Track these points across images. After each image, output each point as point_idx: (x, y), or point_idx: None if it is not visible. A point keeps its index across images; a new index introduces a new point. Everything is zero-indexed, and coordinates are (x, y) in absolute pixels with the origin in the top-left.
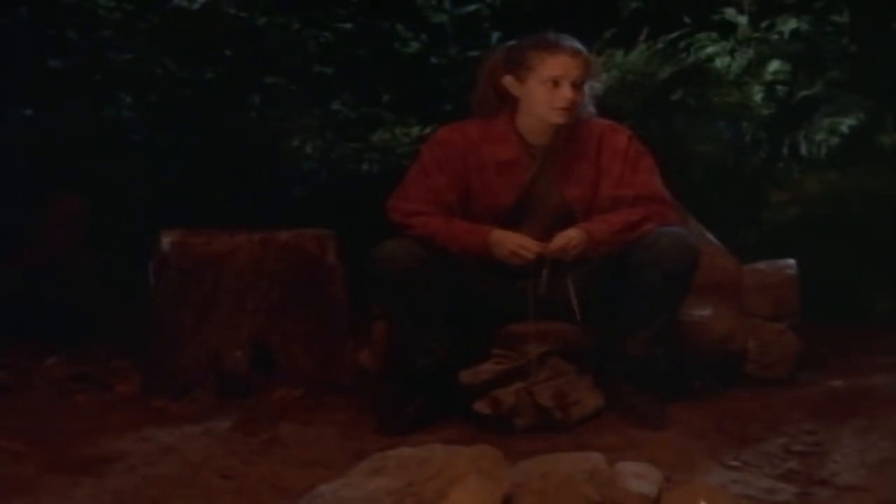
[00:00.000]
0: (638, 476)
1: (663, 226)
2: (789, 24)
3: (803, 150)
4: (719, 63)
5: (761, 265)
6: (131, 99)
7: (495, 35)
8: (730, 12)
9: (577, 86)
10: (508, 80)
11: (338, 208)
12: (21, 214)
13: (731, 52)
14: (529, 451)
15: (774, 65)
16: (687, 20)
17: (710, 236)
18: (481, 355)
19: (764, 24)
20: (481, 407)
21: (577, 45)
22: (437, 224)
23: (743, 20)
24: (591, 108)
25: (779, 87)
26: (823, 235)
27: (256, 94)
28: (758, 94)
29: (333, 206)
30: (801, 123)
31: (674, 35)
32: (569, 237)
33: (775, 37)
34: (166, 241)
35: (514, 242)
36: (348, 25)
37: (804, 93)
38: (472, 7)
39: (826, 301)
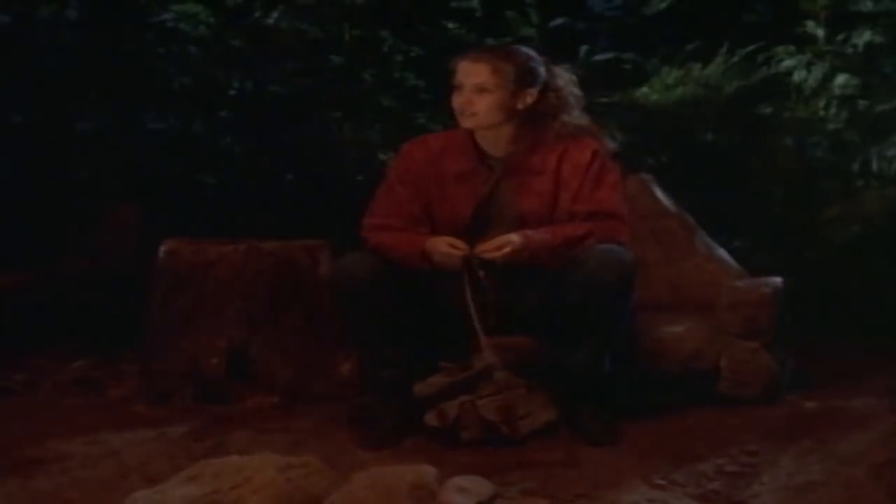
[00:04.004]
0: (461, 490)
1: (609, 242)
2: (864, 37)
3: (874, 166)
4: (797, 77)
5: (741, 282)
6: (214, 112)
7: (583, 48)
8: (810, 25)
9: (476, 90)
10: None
11: None
12: (82, 222)
13: (808, 66)
14: (469, 465)
15: (841, 78)
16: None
17: (720, 253)
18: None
19: (840, 37)
20: (430, 419)
21: (491, 52)
22: (386, 236)
23: (820, 33)
24: (569, 118)
25: (860, 102)
26: (883, 252)
27: (341, 106)
28: (829, 108)
29: None
30: (875, 138)
31: (750, 48)
32: (505, 239)
33: (850, 50)
34: (162, 249)
35: (444, 242)
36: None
37: (882, 107)
38: (560, 20)
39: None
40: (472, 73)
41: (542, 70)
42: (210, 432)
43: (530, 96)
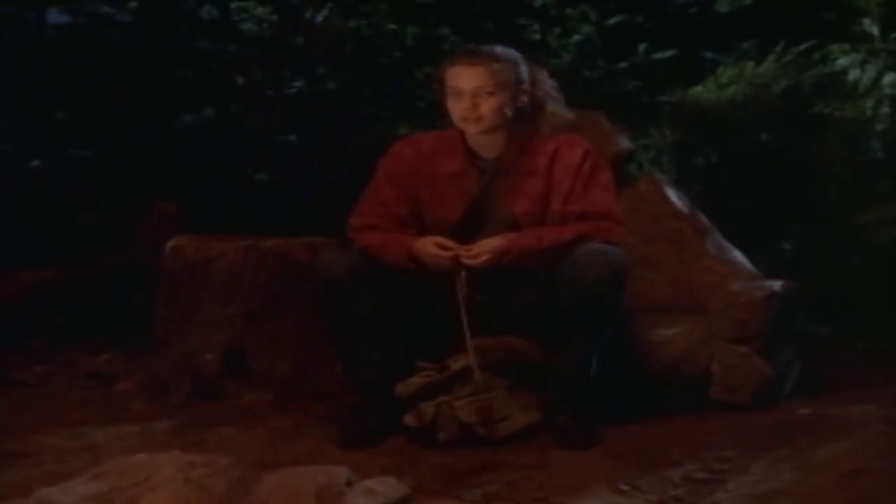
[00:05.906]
0: (368, 492)
1: (602, 242)
2: None
3: None
4: (851, 75)
5: (735, 285)
6: (269, 110)
7: (643, 45)
8: (866, 22)
9: (479, 95)
10: (442, 94)
11: None
12: (122, 219)
13: (862, 64)
14: (443, 465)
15: (890, 77)
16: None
17: (734, 255)
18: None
19: (894, 35)
20: (409, 420)
21: (484, 55)
22: (373, 237)
23: (875, 30)
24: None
25: None
26: None
27: (395, 104)
28: (879, 108)
29: None
30: None
31: (802, 46)
32: (481, 248)
33: None
34: (168, 245)
35: (432, 243)
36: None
37: None
38: (618, 17)
39: None
40: (470, 78)
41: (525, 66)
42: (194, 429)
43: (525, 93)
